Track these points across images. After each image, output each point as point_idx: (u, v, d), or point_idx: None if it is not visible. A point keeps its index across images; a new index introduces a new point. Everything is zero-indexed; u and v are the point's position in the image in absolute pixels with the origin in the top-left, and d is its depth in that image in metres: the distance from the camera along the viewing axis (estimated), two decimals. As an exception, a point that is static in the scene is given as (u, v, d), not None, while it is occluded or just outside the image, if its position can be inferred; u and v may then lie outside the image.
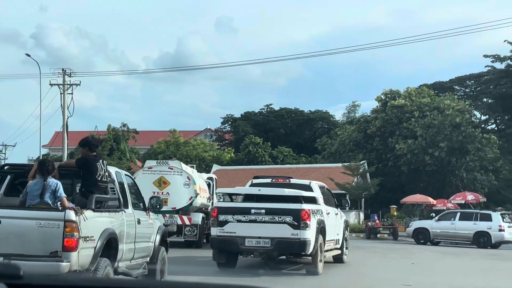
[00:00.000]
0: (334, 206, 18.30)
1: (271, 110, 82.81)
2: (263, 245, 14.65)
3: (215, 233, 15.07)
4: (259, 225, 14.69)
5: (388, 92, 59.53)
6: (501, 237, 30.30)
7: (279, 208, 14.80)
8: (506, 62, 51.52)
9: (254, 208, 14.86)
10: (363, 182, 50.60)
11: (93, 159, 10.12)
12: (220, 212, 15.00)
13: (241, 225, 14.76)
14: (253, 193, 16.03)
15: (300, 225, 14.42)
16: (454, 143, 52.77)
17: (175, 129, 64.82)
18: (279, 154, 64.58)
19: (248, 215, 14.76)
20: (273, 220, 14.62)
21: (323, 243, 15.53)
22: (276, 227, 14.59)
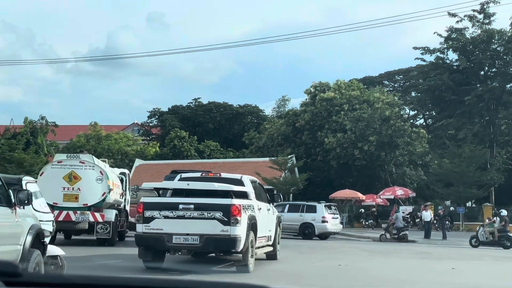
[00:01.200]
0: (266, 201, 17.52)
1: (199, 104, 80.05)
2: (192, 242, 14.05)
3: (140, 230, 14.35)
4: (187, 221, 14.08)
5: (317, 85, 57.66)
6: (324, 228, 31.25)
7: (209, 203, 14.19)
8: (435, 54, 50.22)
9: (182, 203, 14.23)
10: (291, 177, 48.53)
11: None
12: (146, 208, 14.33)
13: (168, 222, 14.14)
14: (182, 188, 15.19)
15: (230, 221, 13.88)
16: (384, 137, 51.31)
17: (96, 122, 61.42)
18: (206, 149, 61.97)
19: (176, 211, 14.14)
20: (202, 216, 14.05)
21: (254, 239, 15.00)
22: (205, 223, 13.99)
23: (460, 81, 49.19)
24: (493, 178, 47.30)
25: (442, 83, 48.91)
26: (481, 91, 47.61)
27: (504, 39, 48.09)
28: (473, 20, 48.97)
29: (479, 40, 48.46)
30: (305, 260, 19.73)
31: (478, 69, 49.62)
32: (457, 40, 49.21)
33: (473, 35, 49.06)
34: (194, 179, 16.03)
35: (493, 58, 49.21)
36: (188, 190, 14.98)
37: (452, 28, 49.29)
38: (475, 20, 48.95)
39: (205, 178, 16.28)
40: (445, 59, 50.71)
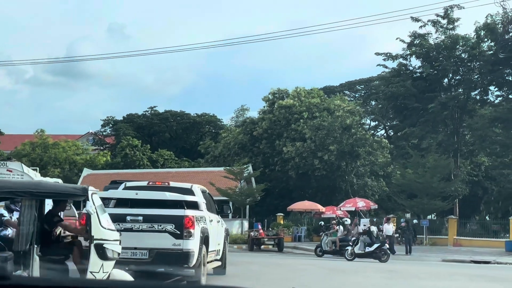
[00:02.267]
0: (215, 212, 16.39)
1: (155, 112, 76.62)
2: (140, 257, 12.99)
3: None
4: (135, 234, 12.98)
5: (276, 92, 54.86)
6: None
7: (159, 214, 13.14)
8: (398, 60, 47.95)
9: (129, 214, 13.16)
10: (248, 188, 45.52)
11: None
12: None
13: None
14: (129, 198, 13.96)
15: (183, 234, 12.94)
16: (344, 146, 48.76)
17: (43, 129, 57.56)
18: (159, 158, 58.63)
19: (123, 223, 12.98)
20: (152, 228, 13.05)
21: (206, 254, 14.01)
22: (155, 236, 12.96)
23: (424, 88, 46.97)
24: (457, 189, 45.05)
25: (404, 90, 46.60)
26: (445, 98, 45.45)
27: (468, 45, 46.04)
28: (436, 26, 46.85)
29: (443, 46, 46.36)
30: (256, 278, 17.02)
31: (442, 76, 47.48)
32: (420, 46, 47.03)
33: (437, 41, 46.95)
34: (141, 189, 14.66)
35: (457, 65, 47.12)
36: (134, 200, 13.72)
37: (415, 33, 47.10)
38: (439, 26, 46.83)
39: (152, 187, 15.03)
40: (408, 66, 48.52)
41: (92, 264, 10.17)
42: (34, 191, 10.38)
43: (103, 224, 10.68)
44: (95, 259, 10.23)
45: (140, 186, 15.23)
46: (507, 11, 40.25)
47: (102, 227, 10.49)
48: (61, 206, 12.09)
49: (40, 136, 57.05)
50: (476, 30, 45.59)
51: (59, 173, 54.85)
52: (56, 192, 10.89)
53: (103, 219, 10.79)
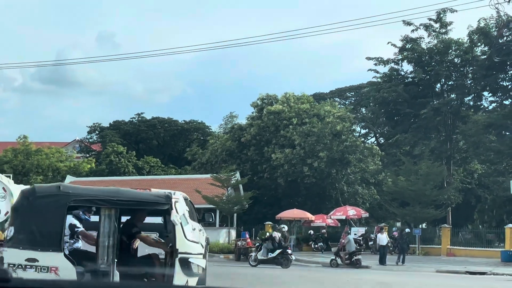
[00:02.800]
0: (197, 221, 15.02)
1: (142, 119, 75.04)
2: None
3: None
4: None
5: (264, 97, 53.35)
6: None
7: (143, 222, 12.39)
8: (389, 65, 46.59)
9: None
10: (235, 195, 43.94)
11: None
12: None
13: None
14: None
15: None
16: (335, 153, 47.30)
17: (25, 135, 55.86)
18: (145, 165, 56.97)
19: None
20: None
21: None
22: (141, 244, 11.77)
23: (416, 93, 45.68)
24: (450, 197, 43.68)
25: (396, 95, 45.27)
26: (438, 104, 44.15)
27: (461, 50, 44.77)
28: (429, 29, 45.58)
29: (436, 50, 45.09)
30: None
31: (435, 81, 46.18)
32: (412, 50, 45.76)
33: (429, 45, 45.68)
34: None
35: (450, 70, 45.84)
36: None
37: (407, 37, 45.82)
38: (431, 29, 45.56)
39: None
40: (399, 71, 47.19)
41: (177, 280, 9.50)
42: (114, 199, 9.82)
43: (188, 236, 9.90)
44: (179, 275, 9.56)
45: None
46: (501, 15, 39.01)
47: (187, 239, 9.78)
48: (139, 216, 11.05)
49: (22, 143, 55.32)
50: (469, 34, 44.37)
51: (41, 180, 53.13)
52: (137, 200, 10.17)
53: (188, 230, 10.01)
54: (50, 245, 9.73)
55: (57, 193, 10.04)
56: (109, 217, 9.86)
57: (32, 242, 9.74)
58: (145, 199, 10.29)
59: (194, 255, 9.91)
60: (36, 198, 9.96)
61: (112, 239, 9.78)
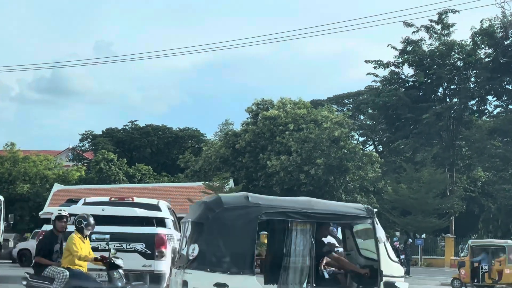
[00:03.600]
0: (178, 231, 14.49)
1: (135, 127, 72.90)
2: (106, 280, 11.42)
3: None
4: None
5: (260, 102, 51.15)
6: None
7: (128, 232, 12.17)
8: (389, 68, 44.50)
9: (95, 232, 11.82)
10: (229, 204, 41.76)
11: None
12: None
13: None
14: (94, 214, 12.01)
15: (154, 254, 12.03)
16: (333, 160, 45.13)
17: (13, 142, 53.58)
18: (137, 173, 54.70)
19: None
20: (120, 248, 11.86)
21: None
22: (124, 256, 11.32)
23: (417, 98, 43.61)
24: (453, 206, 41.49)
25: (397, 99, 43.16)
26: (440, 108, 42.04)
27: (464, 52, 42.69)
28: (430, 31, 43.54)
29: (437, 53, 43.05)
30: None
31: (437, 85, 44.11)
32: (413, 53, 43.70)
33: (431, 47, 43.62)
34: (101, 204, 13.39)
35: (453, 73, 43.74)
36: (97, 217, 11.85)
37: (408, 39, 43.75)
38: (433, 31, 43.52)
39: (115, 203, 13.70)
40: (400, 74, 45.07)
41: None
42: (309, 212, 8.64)
43: (391, 255, 8.74)
44: None
45: (101, 202, 14.01)
46: (506, 14, 36.94)
47: (390, 259, 8.66)
48: (323, 230, 9.34)
49: (9, 150, 53.04)
50: (472, 36, 42.31)
51: (28, 188, 50.91)
52: (335, 213, 8.92)
53: (389, 249, 8.82)
54: (242, 267, 8.39)
55: (246, 204, 8.66)
56: (303, 233, 8.55)
57: (220, 263, 8.40)
58: (345, 212, 8.99)
59: (398, 278, 8.74)
60: (224, 211, 8.56)
61: (307, 260, 8.48)
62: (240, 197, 8.95)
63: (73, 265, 10.34)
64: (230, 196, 9.45)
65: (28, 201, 50.25)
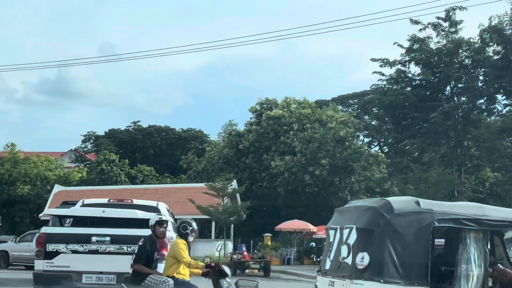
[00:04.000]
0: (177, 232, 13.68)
1: (138, 128, 72.03)
2: (107, 282, 11.80)
3: (40, 268, 11.77)
4: (101, 257, 11.81)
5: (264, 102, 50.16)
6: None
7: (129, 235, 11.75)
8: (396, 67, 43.42)
9: (96, 235, 11.82)
10: (232, 205, 40.74)
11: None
12: (50, 240, 11.74)
13: (77, 257, 11.74)
14: (94, 216, 12.39)
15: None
16: (338, 160, 44.10)
17: (13, 143, 52.69)
18: (139, 174, 53.74)
19: (88, 244, 11.79)
20: (120, 250, 11.80)
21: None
22: (124, 259, 11.24)
23: (424, 97, 42.45)
24: (462, 207, 40.28)
25: (403, 98, 42.04)
26: (448, 107, 40.87)
27: (472, 50, 41.56)
28: (437, 29, 42.45)
29: (445, 51, 41.90)
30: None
31: (444, 83, 42.93)
32: (420, 51, 42.59)
33: (438, 45, 42.48)
34: (100, 206, 13.17)
35: (461, 71, 42.60)
36: (95, 219, 12.27)
37: (415, 37, 42.66)
38: (440, 29, 42.44)
39: (113, 205, 13.50)
40: (406, 73, 43.96)
41: None
42: (483, 219, 8.15)
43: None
44: None
45: (100, 203, 13.67)
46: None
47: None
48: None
49: (10, 151, 52.14)
50: (481, 33, 41.18)
51: (29, 190, 50.01)
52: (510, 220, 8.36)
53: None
54: (416, 278, 7.96)
55: (418, 210, 8.23)
56: (475, 241, 8.09)
57: (394, 274, 7.96)
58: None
59: None
60: (395, 217, 8.11)
61: (481, 270, 8.02)
62: (410, 202, 8.51)
63: (178, 273, 9.57)
64: (399, 201, 8.74)
65: (29, 202, 49.41)
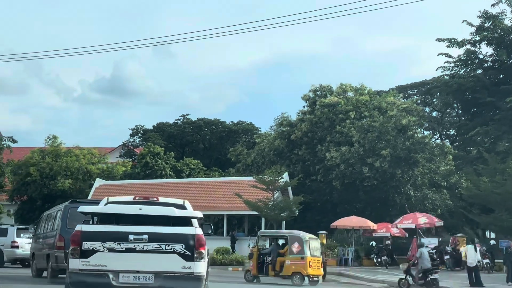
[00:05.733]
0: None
1: (187, 121, 68.81)
2: (144, 282, 11.24)
3: (76, 267, 11.19)
4: (139, 256, 11.22)
5: (317, 89, 45.93)
6: (13, 254, 28.36)
7: (168, 233, 11.40)
8: (464, 47, 38.64)
9: (133, 233, 11.26)
10: (283, 200, 36.77)
11: None
12: (86, 239, 11.25)
13: (114, 256, 11.22)
14: (131, 213, 11.81)
15: (194, 255, 11.31)
16: (400, 151, 39.61)
17: (55, 135, 49.86)
18: (184, 167, 50.24)
19: (125, 243, 11.20)
20: (158, 249, 11.25)
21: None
22: (162, 258, 11.21)
23: (498, 79, 37.66)
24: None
25: (475, 81, 37.31)
26: (527, 91, 36.01)
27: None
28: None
29: (522, 27, 37.07)
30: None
31: (521, 64, 38.06)
32: (493, 28, 37.75)
33: (514, 22, 37.65)
34: (125, 204, 12.41)
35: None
36: (136, 216, 11.69)
37: (487, 13, 37.85)
38: (516, 3, 37.54)
39: (138, 202, 12.55)
40: (477, 53, 39.11)
41: None
42: None
43: None
44: None
45: (125, 201, 12.94)
46: None
47: None
48: None
49: (51, 143, 49.39)
50: None
51: (70, 184, 47.13)
52: None
53: None
54: None
55: None
56: None
57: None
58: None
59: None
60: None
61: None
62: None
63: None
64: None
65: (70, 197, 46.54)
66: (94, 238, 11.30)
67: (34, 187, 47.34)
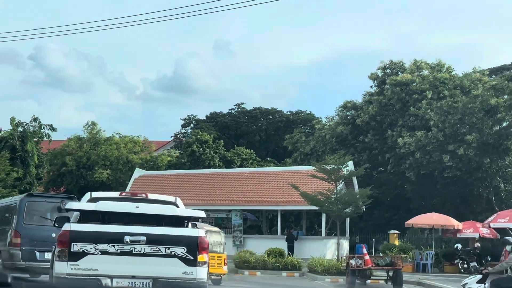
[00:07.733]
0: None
1: (242, 110, 63.60)
2: (141, 287, 10.20)
3: (63, 271, 10.07)
4: (135, 259, 10.10)
5: (387, 66, 39.48)
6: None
7: (169, 234, 10.30)
8: None
9: (130, 234, 10.12)
10: (348, 193, 30.55)
11: None
12: (75, 239, 10.03)
13: (107, 259, 10.09)
14: (127, 212, 10.53)
15: (196, 260, 10.23)
16: (488, 137, 32.93)
17: (94, 121, 45.01)
18: (235, 157, 44.64)
19: (120, 245, 10.10)
20: (157, 252, 10.13)
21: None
22: (161, 262, 10.09)
23: None
24: None
25: None
26: None
27: None
28: None
29: None
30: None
31: None
32: None
33: None
34: (110, 200, 11.04)
35: None
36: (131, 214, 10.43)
37: None
38: None
39: (124, 198, 11.22)
40: None
41: None
42: None
43: None
44: None
45: (110, 197, 11.32)
46: None
47: None
48: None
49: (90, 130, 44.60)
50: None
51: (108, 174, 42.21)
52: None
53: None
54: None
55: None
56: None
57: None
58: None
59: None
60: None
61: None
62: None
63: None
64: None
65: (109, 189, 41.83)
66: (85, 239, 10.18)
67: (70, 178, 42.80)
